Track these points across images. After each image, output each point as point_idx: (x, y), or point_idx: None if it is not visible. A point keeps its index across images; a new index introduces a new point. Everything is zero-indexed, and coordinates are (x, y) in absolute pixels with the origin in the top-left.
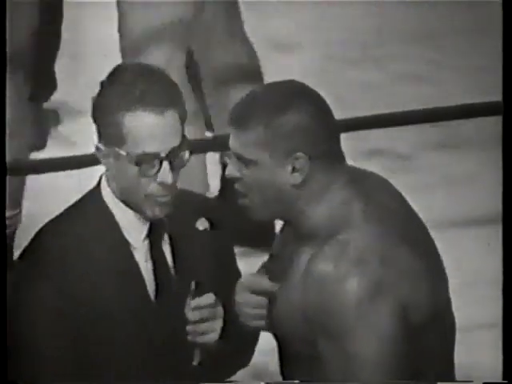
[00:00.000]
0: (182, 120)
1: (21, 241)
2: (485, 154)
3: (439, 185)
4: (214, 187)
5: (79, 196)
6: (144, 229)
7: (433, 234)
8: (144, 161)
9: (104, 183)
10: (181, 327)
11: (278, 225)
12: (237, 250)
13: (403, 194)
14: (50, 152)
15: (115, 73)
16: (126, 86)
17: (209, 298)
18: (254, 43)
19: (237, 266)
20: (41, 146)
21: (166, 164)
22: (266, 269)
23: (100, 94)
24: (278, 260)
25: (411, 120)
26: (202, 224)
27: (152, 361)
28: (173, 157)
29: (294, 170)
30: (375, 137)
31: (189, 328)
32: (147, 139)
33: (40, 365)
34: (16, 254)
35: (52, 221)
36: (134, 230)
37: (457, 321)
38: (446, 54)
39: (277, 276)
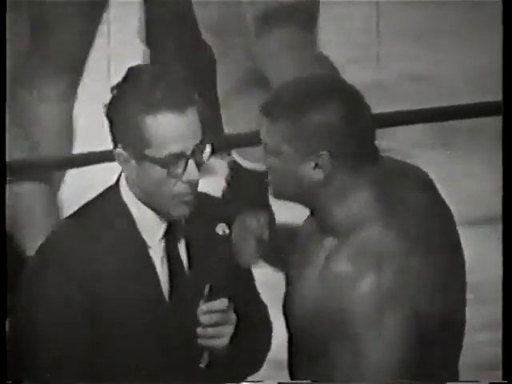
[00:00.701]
0: (201, 116)
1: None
2: (485, 154)
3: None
4: (219, 187)
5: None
6: (161, 229)
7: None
8: (171, 162)
9: (123, 182)
10: (193, 328)
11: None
12: None
13: None
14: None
15: (129, 76)
16: (145, 89)
17: (222, 302)
18: None
19: (251, 273)
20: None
21: (191, 162)
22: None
23: (117, 98)
24: (299, 250)
25: (411, 120)
26: (221, 229)
27: (162, 360)
28: (197, 154)
29: (316, 166)
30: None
31: (199, 331)
32: (172, 140)
33: (52, 365)
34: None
35: (69, 218)
36: (151, 229)
37: None
38: (445, 54)
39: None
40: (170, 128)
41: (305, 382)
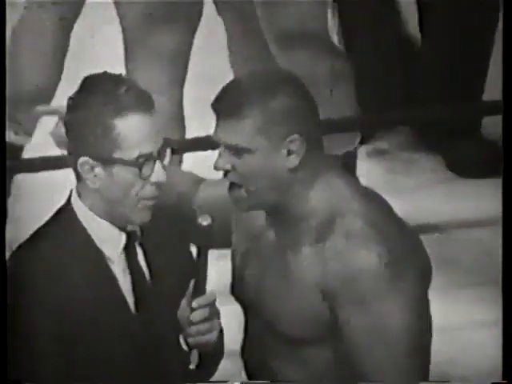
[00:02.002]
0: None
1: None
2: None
3: (440, 185)
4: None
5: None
6: (121, 241)
7: (433, 234)
8: (141, 162)
9: (75, 198)
10: (165, 336)
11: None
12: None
13: (403, 194)
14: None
15: (88, 84)
16: (110, 93)
17: (211, 296)
18: None
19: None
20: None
21: (158, 163)
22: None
23: (77, 106)
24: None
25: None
26: (204, 219)
27: (137, 372)
28: (161, 156)
29: (289, 153)
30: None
31: (192, 329)
32: (142, 140)
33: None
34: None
35: (24, 244)
36: (110, 243)
37: (457, 321)
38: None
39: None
40: (139, 128)
41: (265, 382)
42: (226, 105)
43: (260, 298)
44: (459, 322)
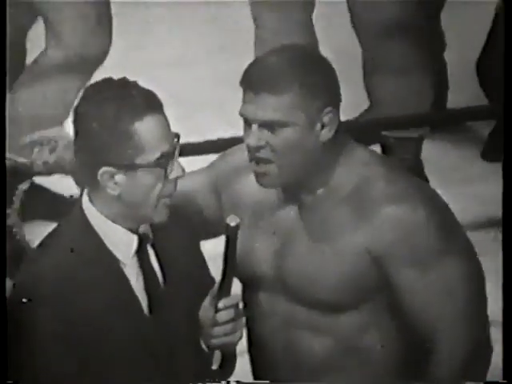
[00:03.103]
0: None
1: None
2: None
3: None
4: None
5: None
6: (133, 244)
7: None
8: (164, 162)
9: (86, 203)
10: (178, 338)
11: None
12: None
13: None
14: None
15: (95, 93)
16: (122, 99)
17: (236, 297)
18: None
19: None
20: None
21: (175, 159)
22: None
23: (91, 118)
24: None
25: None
26: (232, 220)
27: (155, 372)
28: (176, 152)
29: (323, 127)
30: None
31: (216, 330)
32: (161, 139)
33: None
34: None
35: (36, 249)
36: (123, 246)
37: None
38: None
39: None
40: (156, 129)
41: (265, 381)
42: (259, 80)
43: (284, 271)
44: None
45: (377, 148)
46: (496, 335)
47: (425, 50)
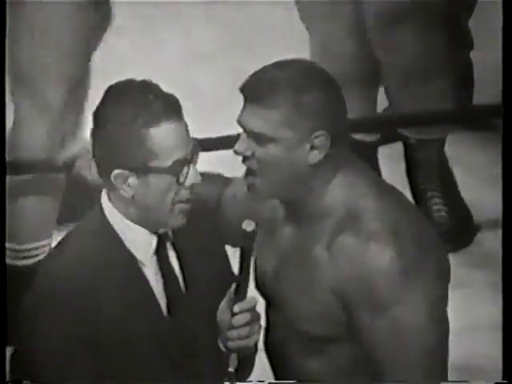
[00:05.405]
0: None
1: None
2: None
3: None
4: None
5: None
6: (152, 245)
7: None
8: (177, 169)
9: (105, 202)
10: (198, 338)
11: None
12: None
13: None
14: None
15: (114, 95)
16: (140, 103)
17: (252, 300)
18: None
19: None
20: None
21: (191, 166)
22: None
23: (108, 121)
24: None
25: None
26: (249, 225)
27: (173, 373)
28: (194, 158)
29: (312, 148)
30: None
31: (232, 333)
32: (176, 146)
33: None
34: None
35: (55, 249)
36: (142, 247)
37: (458, 321)
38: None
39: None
40: (172, 135)
41: (291, 381)
42: (255, 91)
43: (280, 293)
44: (459, 322)
45: (399, 146)
46: (496, 336)
47: (451, 49)
